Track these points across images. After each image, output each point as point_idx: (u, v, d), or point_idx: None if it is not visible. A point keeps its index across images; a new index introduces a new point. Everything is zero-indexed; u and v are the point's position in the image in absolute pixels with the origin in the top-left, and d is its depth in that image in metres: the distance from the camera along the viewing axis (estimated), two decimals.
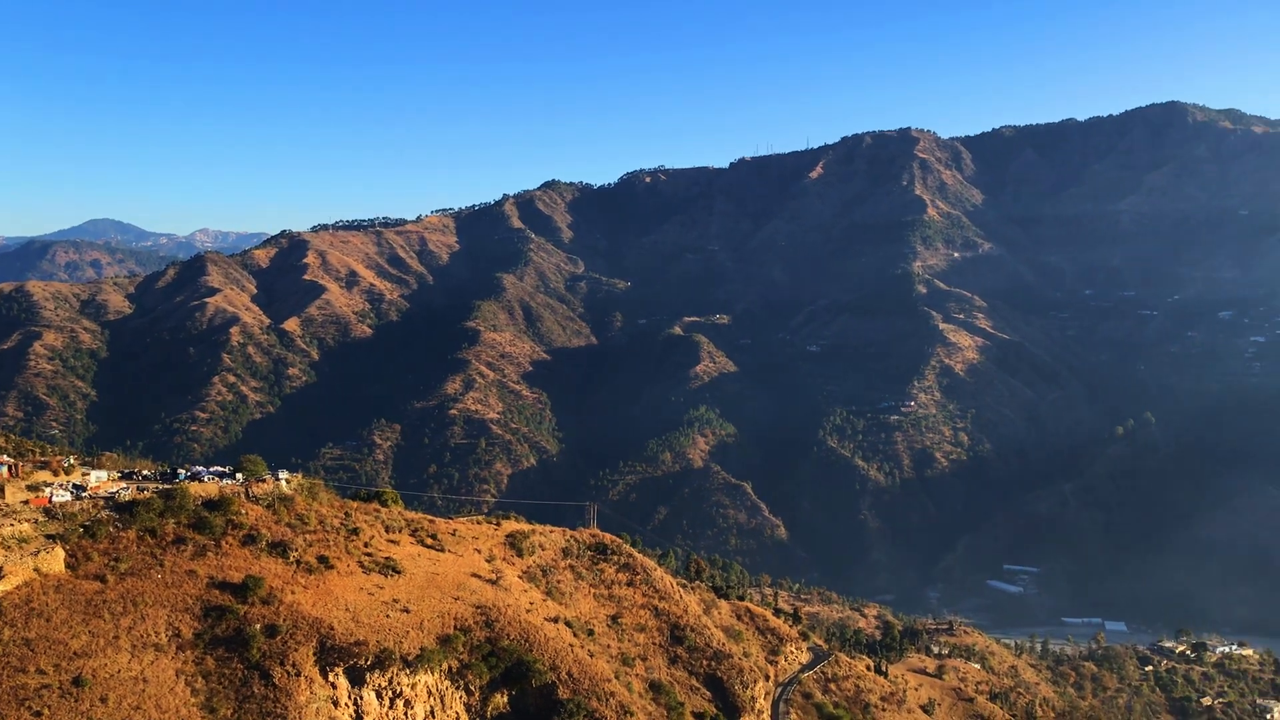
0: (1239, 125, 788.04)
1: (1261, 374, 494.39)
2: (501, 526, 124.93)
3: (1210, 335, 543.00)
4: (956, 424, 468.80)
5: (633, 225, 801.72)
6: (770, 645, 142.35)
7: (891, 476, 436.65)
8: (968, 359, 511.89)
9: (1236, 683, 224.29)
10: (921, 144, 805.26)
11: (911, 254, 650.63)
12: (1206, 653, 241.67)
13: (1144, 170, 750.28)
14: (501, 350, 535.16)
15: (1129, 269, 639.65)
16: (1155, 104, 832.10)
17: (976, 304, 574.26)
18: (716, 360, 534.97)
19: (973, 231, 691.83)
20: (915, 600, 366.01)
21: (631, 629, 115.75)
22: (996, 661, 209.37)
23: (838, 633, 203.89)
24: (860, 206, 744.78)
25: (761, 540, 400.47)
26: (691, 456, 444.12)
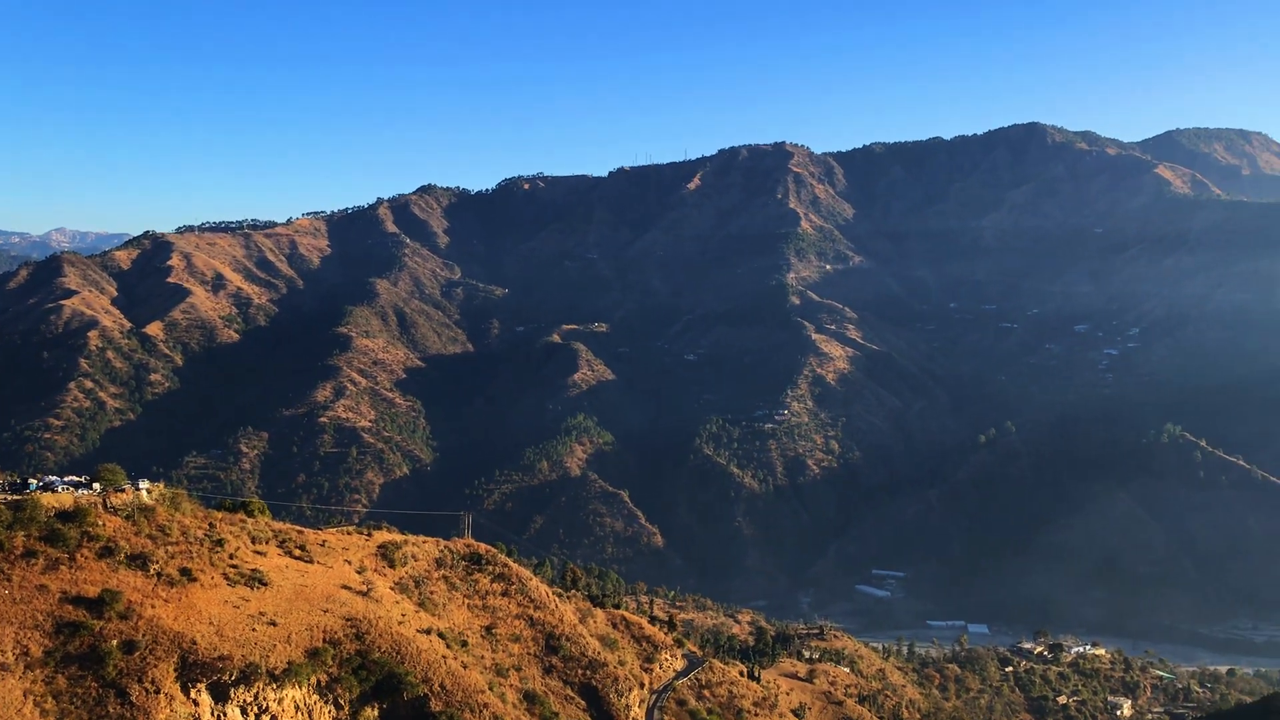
0: (1094, 146, 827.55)
1: (1114, 385, 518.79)
2: (373, 537, 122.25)
3: (1067, 348, 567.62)
4: (828, 432, 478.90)
5: (511, 232, 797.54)
6: (645, 653, 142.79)
7: (765, 484, 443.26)
8: (839, 369, 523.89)
9: (1090, 681, 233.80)
10: (796, 158, 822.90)
11: (786, 266, 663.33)
12: (1062, 653, 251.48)
13: (1006, 188, 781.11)
14: (374, 357, 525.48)
15: (991, 283, 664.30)
16: (1017, 124, 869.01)
17: (847, 315, 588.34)
18: (595, 368, 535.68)
19: (844, 245, 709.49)
20: (788, 605, 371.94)
21: (506, 639, 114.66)
22: (865, 665, 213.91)
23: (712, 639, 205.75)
24: (736, 218, 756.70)
25: (638, 548, 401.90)
26: (569, 465, 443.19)
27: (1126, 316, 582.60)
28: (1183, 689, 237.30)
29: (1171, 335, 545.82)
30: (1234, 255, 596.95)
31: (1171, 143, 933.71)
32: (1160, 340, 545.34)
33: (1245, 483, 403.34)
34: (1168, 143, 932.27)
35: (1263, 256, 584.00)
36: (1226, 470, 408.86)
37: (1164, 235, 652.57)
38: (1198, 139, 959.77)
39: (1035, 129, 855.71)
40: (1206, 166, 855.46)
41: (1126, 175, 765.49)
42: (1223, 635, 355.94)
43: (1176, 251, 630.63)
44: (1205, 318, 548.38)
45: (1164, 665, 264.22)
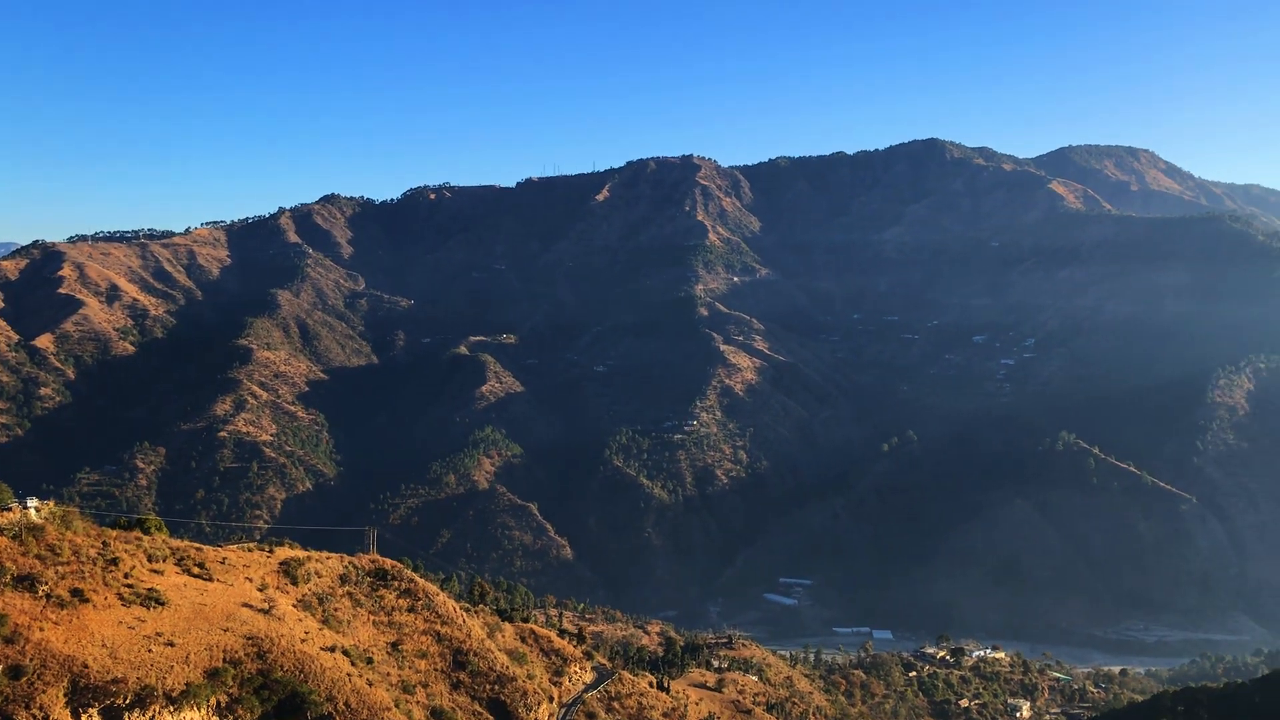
0: (991, 162, 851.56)
1: (1011, 394, 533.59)
2: (275, 553, 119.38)
3: (965, 358, 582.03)
4: (736, 442, 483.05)
5: (417, 242, 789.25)
6: (554, 666, 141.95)
7: (675, 494, 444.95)
8: (746, 379, 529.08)
9: (990, 684, 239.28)
10: (703, 171, 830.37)
11: (694, 277, 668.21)
12: (964, 657, 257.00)
13: (906, 202, 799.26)
14: (276, 369, 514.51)
15: (893, 295, 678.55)
16: (917, 140, 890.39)
17: (755, 327, 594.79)
18: (503, 380, 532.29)
19: (751, 257, 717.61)
20: (697, 615, 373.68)
21: (412, 656, 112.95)
22: (773, 673, 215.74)
23: (621, 651, 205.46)
24: (645, 230, 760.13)
25: (547, 561, 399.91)
26: (477, 478, 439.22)
27: (1022, 328, 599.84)
28: (1078, 690, 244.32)
29: (1065, 346, 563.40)
30: (1123, 268, 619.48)
31: (1064, 159, 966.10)
32: (1055, 350, 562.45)
33: (1135, 489, 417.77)
34: (1061, 159, 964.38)
35: (1150, 269, 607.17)
36: (1118, 476, 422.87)
37: (1058, 249, 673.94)
38: (1089, 156, 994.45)
39: (934, 145, 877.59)
40: (1097, 182, 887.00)
41: (1022, 190, 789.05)
42: (1115, 636, 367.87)
43: (1070, 265, 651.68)
44: (1097, 328, 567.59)
45: (1061, 667, 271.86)
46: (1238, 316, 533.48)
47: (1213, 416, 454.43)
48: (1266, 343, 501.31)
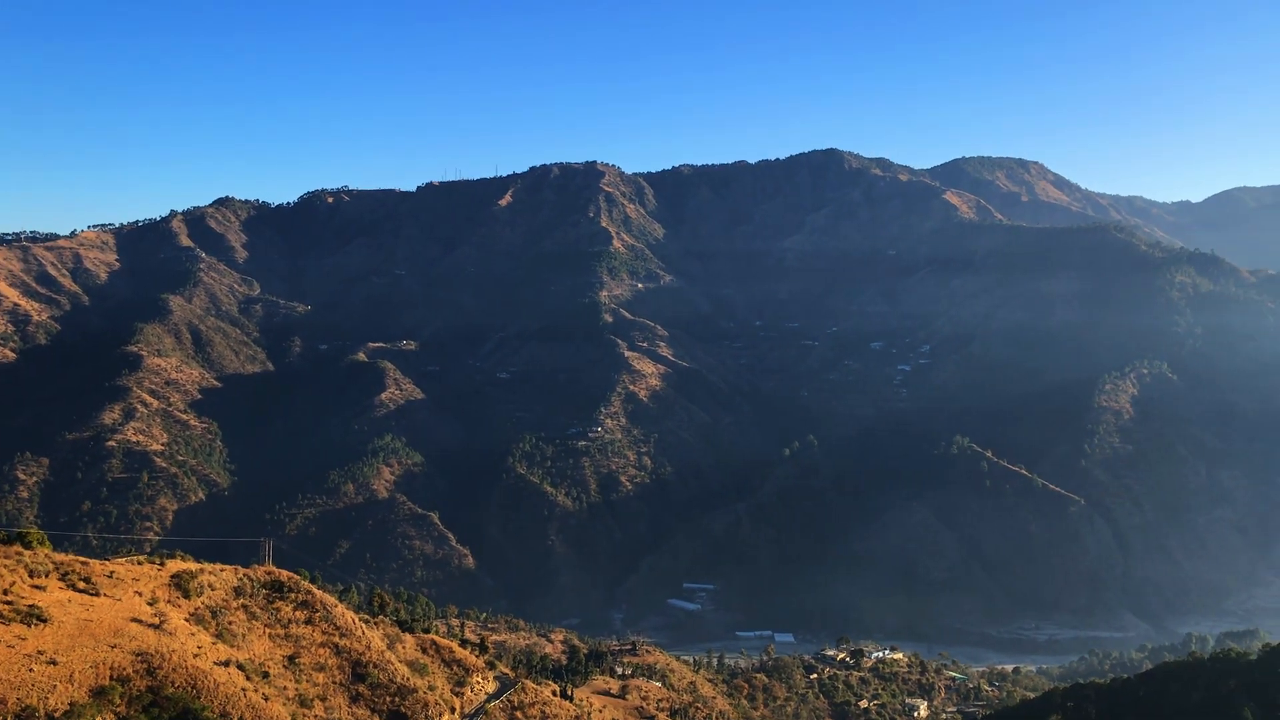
0: (888, 173, 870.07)
1: (908, 399, 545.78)
2: (166, 566, 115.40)
3: (864, 364, 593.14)
4: (640, 448, 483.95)
5: (314, 247, 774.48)
6: (456, 677, 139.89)
7: (579, 501, 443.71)
8: (651, 386, 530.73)
9: (889, 684, 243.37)
10: (607, 178, 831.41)
11: (598, 284, 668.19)
12: (863, 658, 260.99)
13: (807, 211, 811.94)
14: (167, 377, 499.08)
15: (794, 302, 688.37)
16: (817, 150, 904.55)
17: (659, 333, 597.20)
18: (404, 387, 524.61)
19: (655, 264, 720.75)
20: (601, 622, 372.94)
21: (310, 669, 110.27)
22: (677, 678, 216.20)
23: (524, 660, 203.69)
24: (549, 236, 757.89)
25: (449, 571, 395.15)
26: (376, 487, 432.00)
27: (918, 334, 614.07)
28: (973, 688, 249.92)
29: (959, 352, 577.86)
30: (1014, 277, 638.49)
31: (958, 170, 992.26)
32: (949, 357, 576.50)
33: (1027, 491, 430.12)
34: (955, 170, 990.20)
35: (1040, 278, 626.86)
36: (1010, 479, 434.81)
37: (952, 258, 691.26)
38: (981, 167, 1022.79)
39: (833, 155, 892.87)
40: (989, 193, 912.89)
41: (917, 200, 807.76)
42: (1009, 635, 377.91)
43: (963, 273, 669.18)
44: (989, 335, 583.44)
45: (956, 666, 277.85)
46: (1122, 324, 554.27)
47: (1099, 421, 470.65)
48: (1150, 349, 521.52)
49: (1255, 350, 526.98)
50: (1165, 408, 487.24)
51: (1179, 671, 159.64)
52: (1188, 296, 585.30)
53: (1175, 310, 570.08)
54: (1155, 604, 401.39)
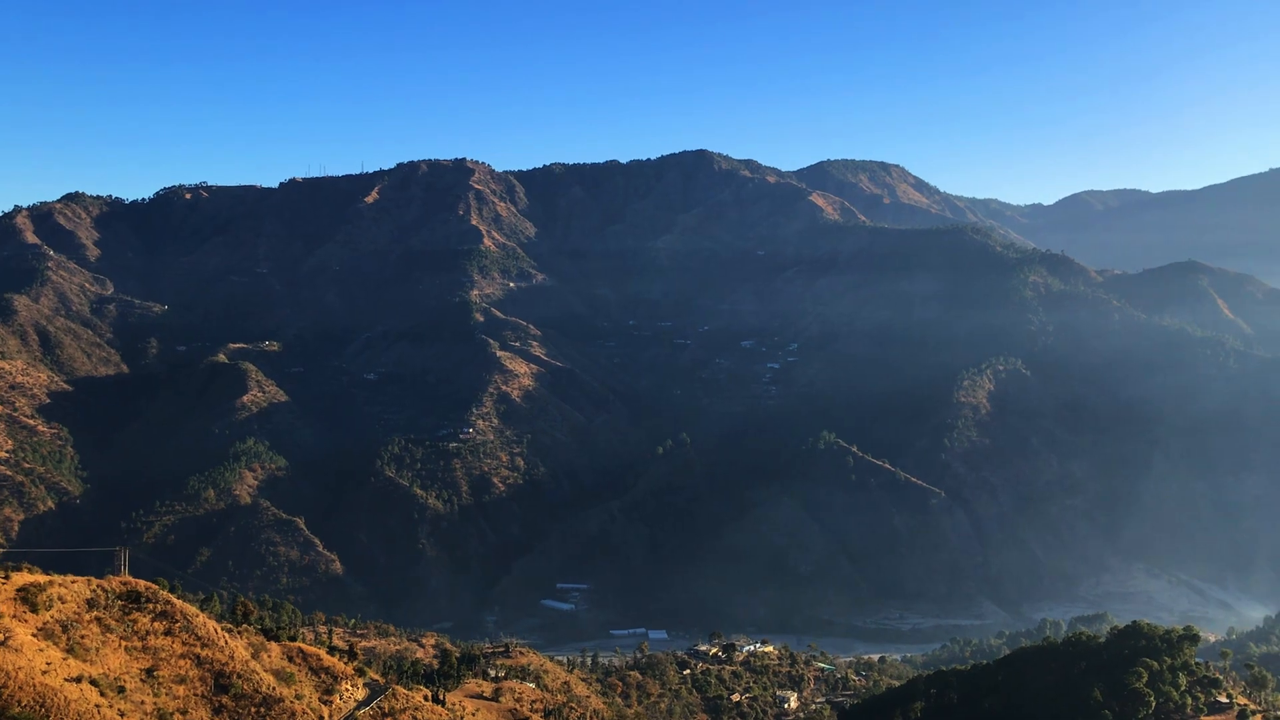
0: (756, 174, 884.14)
1: (777, 396, 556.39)
2: (11, 579, 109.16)
3: (735, 362, 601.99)
4: (513, 449, 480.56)
5: (171, 245, 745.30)
6: (325, 685, 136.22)
7: (450, 504, 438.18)
8: (524, 385, 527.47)
9: (760, 677, 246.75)
10: (477, 175, 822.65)
11: (469, 283, 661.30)
12: (735, 652, 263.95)
13: (678, 211, 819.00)
14: (12, 380, 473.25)
15: (666, 301, 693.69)
16: (687, 151, 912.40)
17: (532, 333, 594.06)
18: (266, 390, 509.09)
19: (527, 263, 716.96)
20: (473, 625, 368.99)
21: (170, 681, 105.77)
22: (551, 679, 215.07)
23: (395, 665, 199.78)
24: (417, 234, 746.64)
25: (316, 577, 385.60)
26: (238, 493, 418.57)
27: (787, 333, 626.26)
28: (841, 679, 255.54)
29: (825, 350, 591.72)
30: (877, 277, 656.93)
31: (823, 173, 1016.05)
32: (816, 355, 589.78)
33: (890, 484, 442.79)
34: (820, 172, 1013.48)
35: (901, 278, 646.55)
36: (875, 473, 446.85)
37: (818, 258, 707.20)
38: (845, 170, 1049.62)
39: (704, 156, 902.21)
40: (853, 195, 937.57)
41: (785, 202, 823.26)
42: (874, 626, 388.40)
43: (829, 273, 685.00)
44: (854, 334, 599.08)
45: (825, 657, 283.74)
46: (979, 322, 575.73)
47: (958, 415, 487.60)
48: (1005, 346, 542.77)
49: (1102, 346, 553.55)
50: (1019, 402, 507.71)
51: (1034, 656, 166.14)
52: (1040, 295, 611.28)
53: (1028, 308, 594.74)
54: (1012, 591, 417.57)
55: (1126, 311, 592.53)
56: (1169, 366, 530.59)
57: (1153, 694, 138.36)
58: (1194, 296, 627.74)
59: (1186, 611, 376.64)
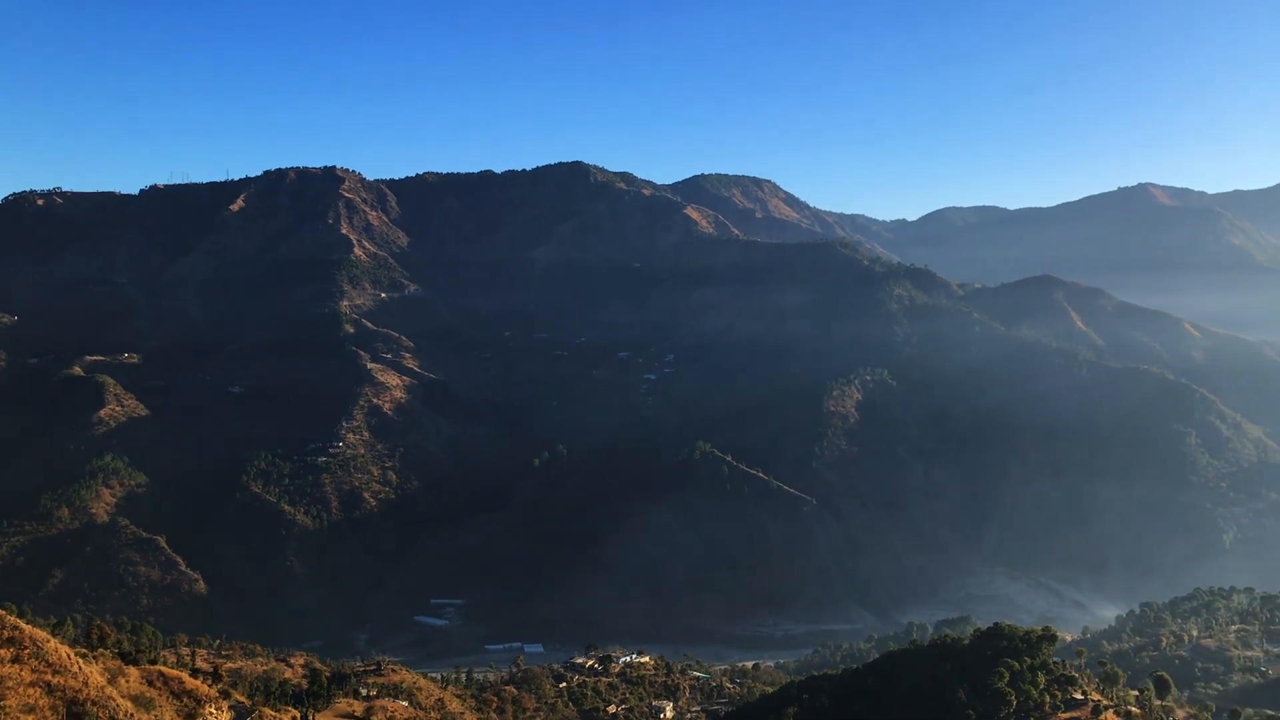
0: (632, 187, 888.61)
1: (654, 408, 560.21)
2: None
3: (611, 374, 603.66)
4: (385, 463, 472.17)
5: (21, 253, 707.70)
6: (187, 709, 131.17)
7: (320, 520, 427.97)
8: (396, 398, 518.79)
9: (636, 688, 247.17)
10: (347, 184, 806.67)
11: (339, 293, 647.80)
12: (611, 664, 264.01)
13: (554, 222, 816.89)
14: None
15: (542, 313, 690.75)
16: (564, 162, 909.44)
17: (404, 344, 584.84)
18: (125, 404, 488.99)
19: (399, 273, 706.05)
20: (345, 644, 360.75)
21: (18, 711, 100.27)
22: (424, 696, 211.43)
23: (262, 686, 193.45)
24: (285, 243, 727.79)
25: (178, 597, 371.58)
26: (95, 511, 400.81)
27: (663, 344, 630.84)
28: (716, 687, 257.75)
29: (701, 361, 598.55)
30: (750, 289, 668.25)
31: (698, 186, 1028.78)
32: (692, 366, 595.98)
33: (764, 493, 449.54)
34: (695, 186, 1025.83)
35: (773, 290, 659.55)
36: (748, 482, 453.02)
37: (693, 271, 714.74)
38: (719, 184, 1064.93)
39: (580, 168, 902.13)
40: (727, 209, 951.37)
41: (660, 215, 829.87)
42: (748, 633, 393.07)
43: (704, 286, 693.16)
44: (728, 345, 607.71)
45: (700, 666, 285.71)
46: (848, 333, 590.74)
47: (828, 425, 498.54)
48: (872, 357, 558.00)
49: (963, 357, 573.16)
50: (886, 411, 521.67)
51: (902, 659, 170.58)
52: (905, 308, 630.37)
53: (894, 321, 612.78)
54: (881, 596, 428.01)
55: (986, 324, 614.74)
56: (1026, 377, 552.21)
57: (1014, 693, 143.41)
58: (1049, 309, 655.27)
59: (1044, 612, 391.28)
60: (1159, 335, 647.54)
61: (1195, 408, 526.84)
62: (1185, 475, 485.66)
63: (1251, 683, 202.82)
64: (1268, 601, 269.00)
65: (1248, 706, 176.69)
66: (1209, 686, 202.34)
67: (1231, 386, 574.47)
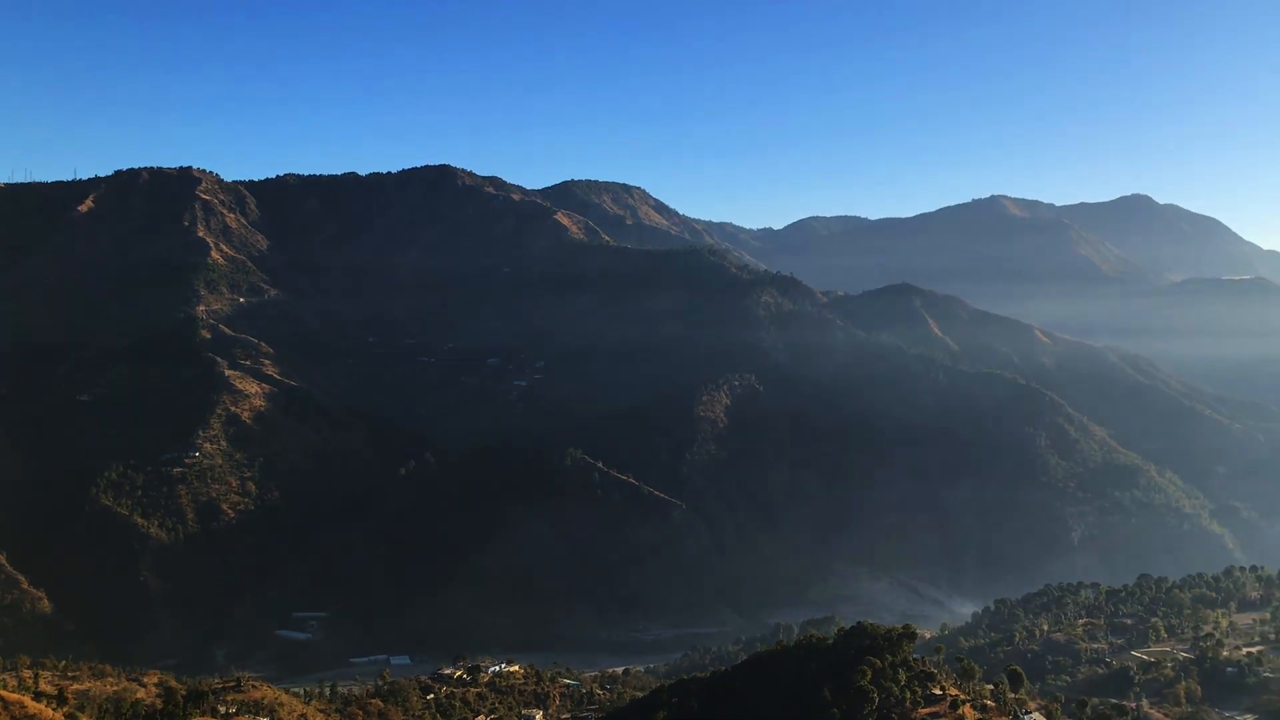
0: (501, 191, 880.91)
1: (524, 414, 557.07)
2: None
3: (481, 380, 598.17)
4: (244, 473, 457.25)
5: None
6: None
7: (175, 533, 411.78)
8: (255, 406, 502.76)
9: (506, 698, 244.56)
10: (204, 185, 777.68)
11: (195, 298, 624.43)
12: (480, 674, 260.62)
13: (421, 226, 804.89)
14: None
15: (410, 319, 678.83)
16: (430, 165, 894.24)
17: (264, 350, 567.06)
18: None
19: (259, 277, 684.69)
20: (203, 661, 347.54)
21: None
22: (286, 712, 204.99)
23: (113, 708, 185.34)
24: (139, 246, 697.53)
25: (20, 617, 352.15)
26: None
27: (533, 351, 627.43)
28: (587, 693, 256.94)
29: (571, 367, 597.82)
30: (621, 296, 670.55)
31: (568, 192, 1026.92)
32: (562, 372, 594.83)
33: (634, 498, 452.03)
34: (565, 192, 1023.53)
35: (643, 297, 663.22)
36: (619, 488, 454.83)
37: (564, 277, 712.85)
38: (590, 190, 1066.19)
39: (447, 171, 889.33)
40: (598, 215, 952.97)
41: (530, 220, 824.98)
42: (619, 639, 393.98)
43: (574, 291, 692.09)
44: (599, 352, 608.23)
45: (571, 673, 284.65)
46: (717, 340, 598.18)
47: (698, 429, 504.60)
48: (740, 363, 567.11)
49: (827, 363, 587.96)
50: (754, 416, 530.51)
51: (768, 660, 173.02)
52: (771, 315, 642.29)
53: (761, 327, 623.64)
54: (748, 599, 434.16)
55: (849, 330, 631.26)
56: (887, 381, 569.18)
57: (876, 690, 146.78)
58: (908, 316, 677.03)
59: (905, 610, 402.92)
60: (1011, 341, 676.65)
61: (1045, 411, 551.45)
62: (1036, 476, 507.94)
63: (1097, 674, 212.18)
64: (1112, 596, 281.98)
65: (1094, 696, 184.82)
66: (1059, 678, 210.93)
67: (1078, 390, 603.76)
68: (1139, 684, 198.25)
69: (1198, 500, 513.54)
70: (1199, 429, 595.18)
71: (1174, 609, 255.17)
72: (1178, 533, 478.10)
